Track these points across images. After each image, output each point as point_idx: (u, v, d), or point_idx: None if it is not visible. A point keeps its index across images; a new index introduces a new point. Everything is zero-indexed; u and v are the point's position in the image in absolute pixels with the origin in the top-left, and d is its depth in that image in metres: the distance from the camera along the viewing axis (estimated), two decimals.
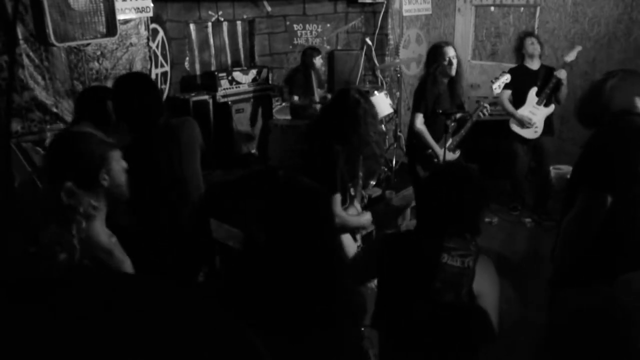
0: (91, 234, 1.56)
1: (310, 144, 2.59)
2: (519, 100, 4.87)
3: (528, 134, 4.86)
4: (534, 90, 4.76)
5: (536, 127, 4.82)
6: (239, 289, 1.38)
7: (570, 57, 4.58)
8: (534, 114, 4.79)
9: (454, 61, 3.92)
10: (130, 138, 2.33)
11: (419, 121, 3.96)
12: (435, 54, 3.96)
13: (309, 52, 5.38)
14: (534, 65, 4.78)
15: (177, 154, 2.48)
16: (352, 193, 2.66)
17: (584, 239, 2.01)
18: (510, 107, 4.88)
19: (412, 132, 4.07)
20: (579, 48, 4.63)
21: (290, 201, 1.42)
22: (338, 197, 2.49)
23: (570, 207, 2.06)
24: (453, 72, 3.94)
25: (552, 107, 4.79)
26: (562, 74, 4.56)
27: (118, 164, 1.71)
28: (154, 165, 2.37)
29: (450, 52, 3.92)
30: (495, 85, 4.17)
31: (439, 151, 3.96)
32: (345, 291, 1.57)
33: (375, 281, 1.88)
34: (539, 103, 4.76)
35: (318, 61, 5.38)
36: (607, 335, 1.09)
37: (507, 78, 4.23)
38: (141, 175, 1.85)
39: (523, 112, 4.82)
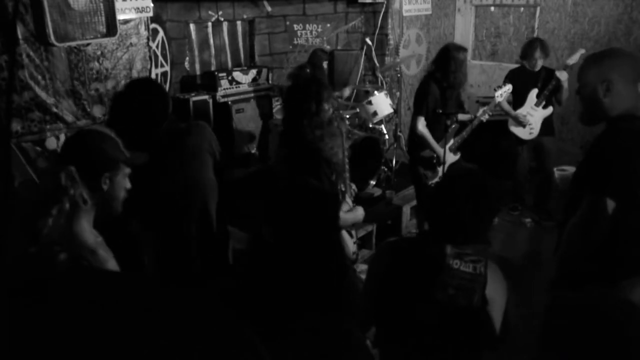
0: (77, 231, 1.56)
1: (291, 147, 2.59)
2: (519, 101, 4.88)
3: (523, 134, 4.87)
4: (534, 92, 4.78)
5: (531, 128, 4.83)
6: (250, 285, 1.39)
7: (573, 59, 4.57)
8: (531, 114, 4.80)
9: (464, 69, 3.96)
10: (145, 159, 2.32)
11: (421, 124, 3.95)
12: (448, 57, 3.90)
13: (320, 53, 5.38)
14: (534, 67, 4.79)
15: (178, 161, 2.45)
16: (343, 189, 2.67)
17: (586, 243, 2.00)
18: (506, 106, 4.89)
19: (414, 133, 4.06)
20: (582, 51, 4.60)
21: (300, 202, 1.43)
22: None
23: (572, 209, 2.06)
24: (462, 81, 3.99)
25: (550, 109, 4.80)
26: (563, 76, 4.55)
27: (123, 179, 1.71)
28: (151, 171, 2.35)
29: (462, 56, 3.92)
30: (497, 94, 4.21)
31: (441, 153, 3.97)
32: (350, 292, 1.57)
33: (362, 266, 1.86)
34: (537, 104, 4.77)
35: (325, 64, 5.41)
36: (607, 335, 1.09)
37: (509, 88, 4.28)
38: (139, 181, 1.84)
39: (521, 112, 4.83)
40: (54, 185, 1.52)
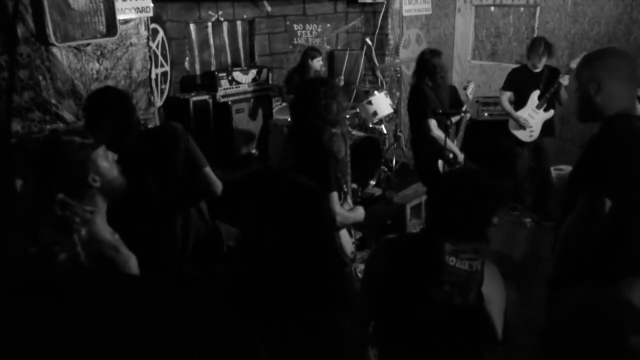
0: (94, 231, 1.56)
1: (299, 143, 2.59)
2: (520, 102, 4.87)
3: (523, 136, 4.87)
4: (536, 93, 4.77)
5: (532, 131, 4.83)
6: (241, 286, 1.38)
7: (576, 63, 4.56)
8: (532, 117, 4.80)
9: (443, 71, 4.11)
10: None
11: (434, 126, 4.01)
12: (430, 63, 4.10)
13: (308, 52, 5.37)
14: (537, 67, 4.77)
15: (149, 169, 2.39)
16: (345, 189, 2.67)
17: (583, 243, 2.01)
18: (508, 107, 4.90)
19: (424, 138, 4.09)
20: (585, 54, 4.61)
21: (292, 201, 1.42)
22: (335, 195, 2.50)
23: (569, 208, 2.06)
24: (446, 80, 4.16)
25: (551, 112, 4.80)
26: (565, 80, 4.56)
27: (105, 161, 1.67)
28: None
29: (439, 61, 4.07)
30: (468, 92, 4.38)
31: (458, 151, 4.06)
32: (344, 290, 1.57)
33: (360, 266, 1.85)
34: (538, 107, 4.76)
35: (316, 62, 5.35)
36: (608, 335, 1.08)
37: (473, 85, 4.51)
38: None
39: (522, 114, 4.83)
40: (55, 216, 1.49)
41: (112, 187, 1.67)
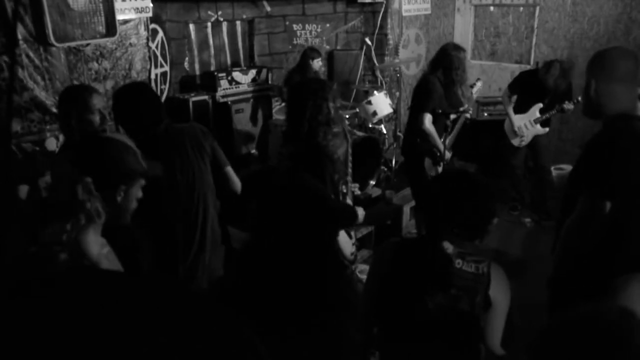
0: (82, 241, 1.51)
1: (295, 145, 2.59)
2: (521, 106, 4.84)
3: (514, 140, 4.88)
4: (538, 106, 4.73)
5: (522, 139, 4.84)
6: (243, 288, 1.38)
7: None
8: (527, 127, 4.79)
9: (465, 67, 4.00)
10: (160, 170, 2.24)
11: (428, 120, 3.95)
12: (449, 56, 3.94)
13: (308, 52, 5.37)
14: (549, 85, 4.58)
15: (178, 162, 2.43)
16: (344, 190, 2.67)
17: (583, 242, 2.01)
18: (508, 106, 4.88)
19: (417, 131, 4.03)
20: None
21: (292, 202, 1.42)
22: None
23: (569, 208, 2.06)
24: (464, 78, 4.02)
25: (546, 130, 4.81)
26: (570, 107, 4.56)
27: (137, 190, 1.67)
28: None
29: (462, 55, 3.96)
30: (473, 90, 4.28)
31: (445, 151, 4.01)
32: (345, 292, 1.57)
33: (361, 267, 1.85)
34: (536, 121, 4.75)
35: (316, 63, 5.34)
36: (611, 347, 1.07)
37: (480, 84, 4.37)
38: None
39: (519, 121, 4.81)
40: (69, 196, 1.47)
41: (120, 214, 1.64)
